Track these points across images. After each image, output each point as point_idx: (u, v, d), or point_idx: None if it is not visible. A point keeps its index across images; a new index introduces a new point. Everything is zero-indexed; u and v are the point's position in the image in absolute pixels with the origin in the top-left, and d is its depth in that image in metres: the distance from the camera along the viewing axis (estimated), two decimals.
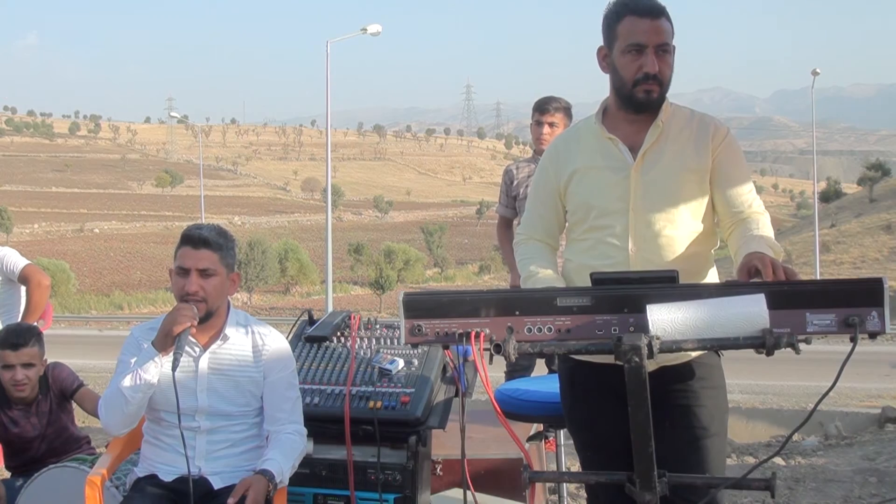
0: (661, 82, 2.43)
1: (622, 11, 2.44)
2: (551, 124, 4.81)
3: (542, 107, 4.85)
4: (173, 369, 2.66)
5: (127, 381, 2.71)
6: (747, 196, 2.51)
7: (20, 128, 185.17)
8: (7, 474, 3.88)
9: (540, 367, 5.13)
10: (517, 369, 4.73)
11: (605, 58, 2.51)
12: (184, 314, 2.71)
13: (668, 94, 2.52)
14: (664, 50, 2.42)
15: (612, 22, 2.46)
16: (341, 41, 30.19)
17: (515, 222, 5.07)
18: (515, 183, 5.01)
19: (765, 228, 2.44)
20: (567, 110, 4.88)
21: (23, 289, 4.61)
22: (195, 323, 2.73)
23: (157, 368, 2.73)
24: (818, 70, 37.60)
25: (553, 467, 3.94)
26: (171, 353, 2.69)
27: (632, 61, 2.42)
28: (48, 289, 4.54)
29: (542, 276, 2.53)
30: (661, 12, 2.42)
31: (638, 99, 2.44)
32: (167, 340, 2.71)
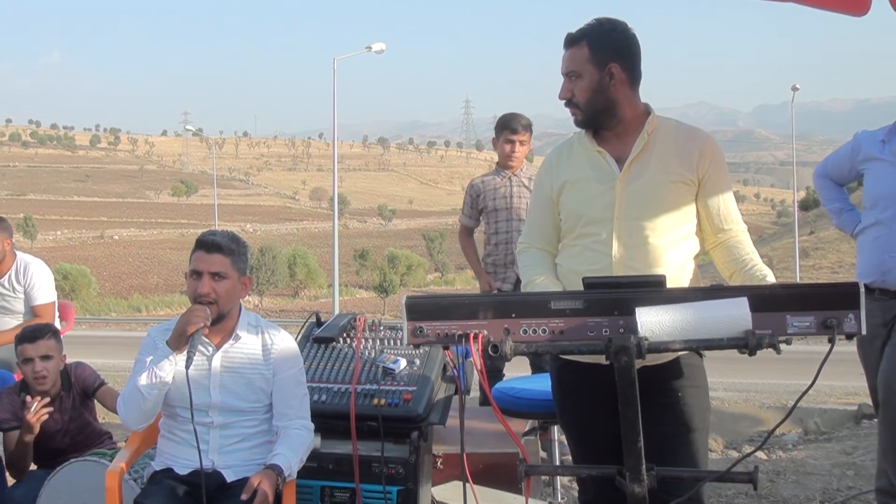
0: (577, 105, 2.50)
1: None
2: (522, 143, 4.98)
3: (513, 127, 4.97)
4: (186, 367, 2.67)
5: (143, 379, 2.72)
6: (730, 210, 2.55)
7: (44, 140, 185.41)
8: (34, 467, 3.88)
9: (522, 368, 5.06)
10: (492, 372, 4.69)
11: None
12: (197, 315, 2.72)
13: (655, 108, 2.53)
14: (574, 76, 2.48)
15: None
16: (347, 59, 30.21)
17: (477, 231, 5.24)
18: (482, 196, 5.07)
19: (755, 252, 2.52)
20: (531, 126, 5.07)
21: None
22: (208, 323, 2.74)
23: (172, 366, 2.73)
24: (798, 86, 37.58)
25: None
26: (185, 352, 2.70)
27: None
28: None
29: (539, 281, 2.54)
30: (571, 42, 2.49)
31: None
32: (181, 340, 2.72)
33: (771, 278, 2.42)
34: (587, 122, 2.51)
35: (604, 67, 2.44)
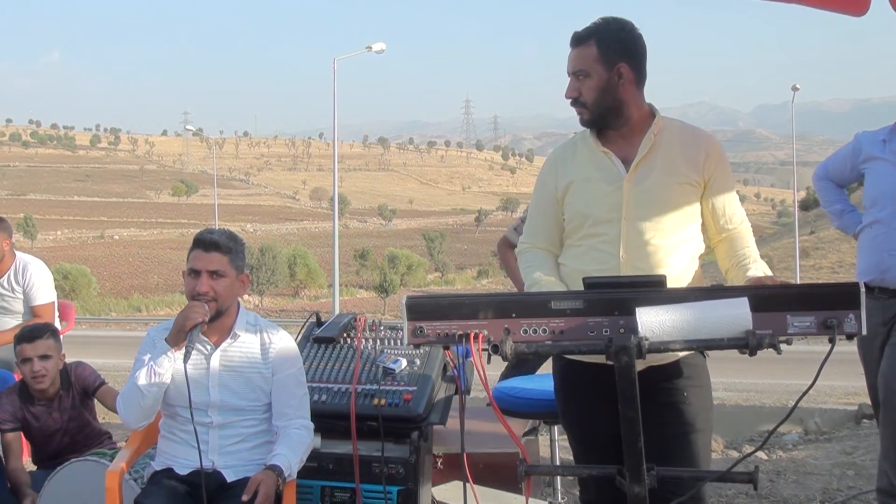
0: (584, 104, 2.49)
1: None
2: None
3: None
4: (185, 362, 2.68)
5: (142, 377, 2.72)
6: (735, 208, 2.56)
7: (44, 140, 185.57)
8: (34, 468, 3.88)
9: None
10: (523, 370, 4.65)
11: None
12: (195, 311, 2.73)
13: (657, 109, 2.53)
14: (582, 75, 2.47)
15: None
16: (347, 58, 30.21)
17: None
18: None
19: (753, 246, 2.53)
20: None
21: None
22: (206, 319, 2.74)
23: (171, 363, 2.74)
24: (798, 86, 37.57)
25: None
26: (184, 348, 2.71)
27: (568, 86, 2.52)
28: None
29: (544, 282, 2.52)
30: (578, 41, 2.48)
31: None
32: (180, 336, 2.73)
33: (755, 271, 2.40)
34: (594, 121, 2.50)
35: (612, 67, 2.44)
